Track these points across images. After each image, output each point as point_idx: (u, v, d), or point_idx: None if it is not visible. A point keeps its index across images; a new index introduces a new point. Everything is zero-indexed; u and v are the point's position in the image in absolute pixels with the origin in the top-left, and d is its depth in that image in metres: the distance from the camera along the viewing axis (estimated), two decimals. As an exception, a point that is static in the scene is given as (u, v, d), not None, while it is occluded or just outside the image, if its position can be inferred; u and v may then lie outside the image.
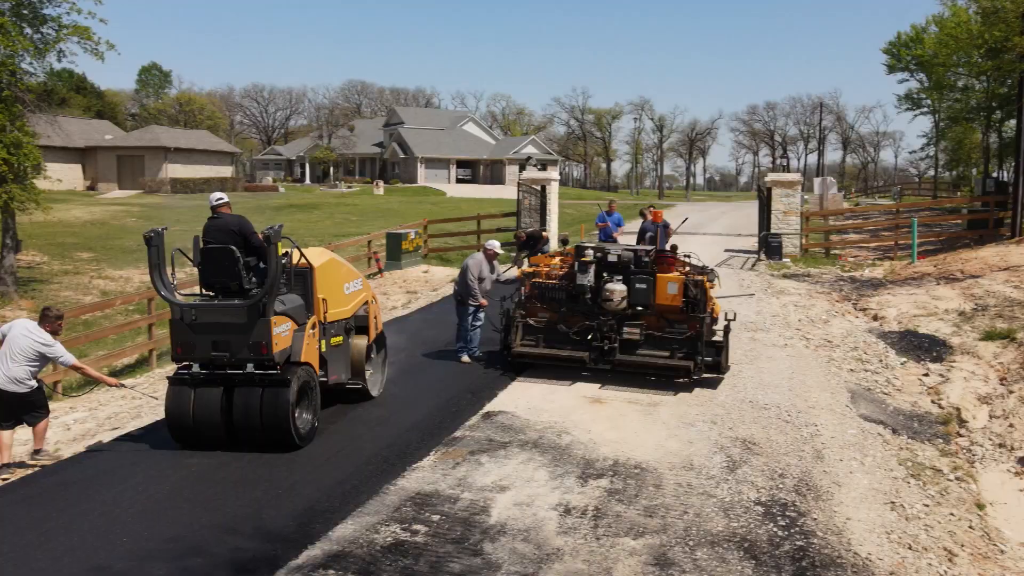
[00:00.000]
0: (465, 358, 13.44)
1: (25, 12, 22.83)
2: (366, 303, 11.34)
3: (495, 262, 13.52)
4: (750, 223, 32.58)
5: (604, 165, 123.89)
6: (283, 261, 9.45)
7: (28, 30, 22.90)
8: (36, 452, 9.53)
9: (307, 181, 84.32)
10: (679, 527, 7.63)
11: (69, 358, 9.60)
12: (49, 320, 9.52)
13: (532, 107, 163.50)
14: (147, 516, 7.70)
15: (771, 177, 28.52)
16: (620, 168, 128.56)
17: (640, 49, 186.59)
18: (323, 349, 10.12)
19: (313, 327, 9.80)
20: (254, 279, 9.36)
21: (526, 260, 14.26)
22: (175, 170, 63.33)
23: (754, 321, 16.38)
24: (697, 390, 11.99)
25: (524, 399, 11.56)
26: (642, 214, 19.99)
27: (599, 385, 12.22)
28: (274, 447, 9.17)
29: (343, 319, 10.71)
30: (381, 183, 70.17)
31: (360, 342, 11.06)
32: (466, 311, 13.36)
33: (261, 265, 9.44)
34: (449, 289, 19.56)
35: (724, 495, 8.37)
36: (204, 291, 9.60)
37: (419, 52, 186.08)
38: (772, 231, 26.62)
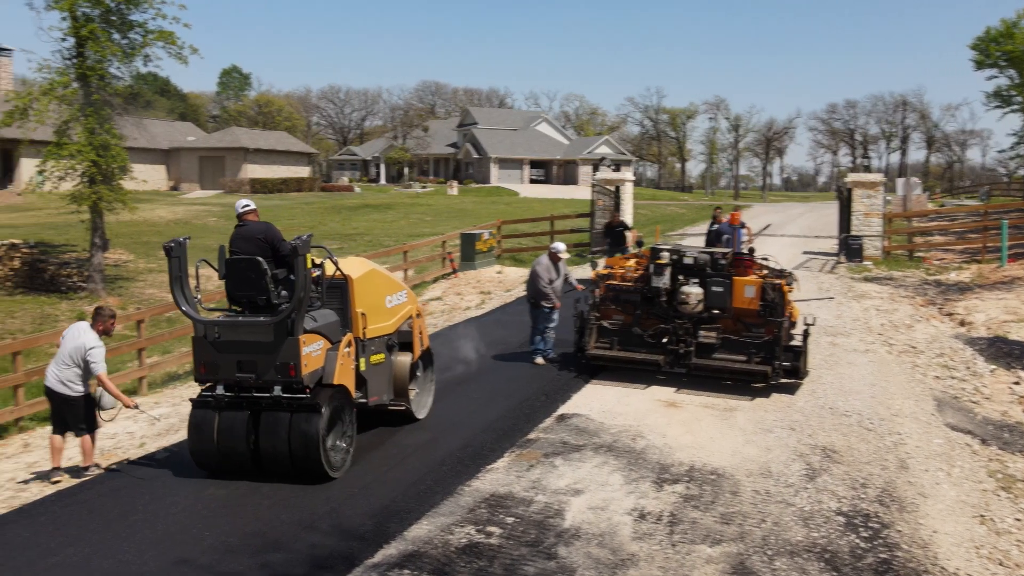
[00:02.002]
0: (539, 360, 13.43)
1: (113, 19, 23.56)
2: (410, 317, 10.53)
3: (561, 264, 13.47)
4: (829, 225, 31.87)
5: (678, 165, 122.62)
6: (316, 273, 8.88)
7: (116, 36, 23.64)
8: (84, 469, 9.16)
9: (382, 181, 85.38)
10: (757, 535, 7.49)
11: (100, 367, 9.01)
12: (102, 319, 9.24)
13: (606, 107, 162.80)
14: (228, 512, 7.87)
15: (852, 177, 27.84)
16: (694, 168, 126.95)
17: (716, 47, 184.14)
18: (362, 368, 9.37)
19: (349, 345, 9.05)
20: (283, 293, 8.62)
21: (601, 262, 14.14)
22: (254, 170, 64.73)
23: (834, 325, 16.01)
24: (775, 395, 11.77)
25: (598, 402, 11.50)
26: (714, 215, 19.71)
27: (674, 389, 12.09)
28: (303, 478, 8.42)
29: (385, 335, 9.93)
30: (455, 183, 70.68)
31: (404, 360, 10.24)
32: (539, 313, 13.34)
33: (291, 277, 8.64)
34: (522, 290, 19.58)
35: (803, 504, 8.19)
36: (231, 306, 8.95)
37: (493, 52, 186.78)
38: (852, 233, 25.99)
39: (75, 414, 9.09)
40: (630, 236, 20.32)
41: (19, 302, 20.96)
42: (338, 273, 9.25)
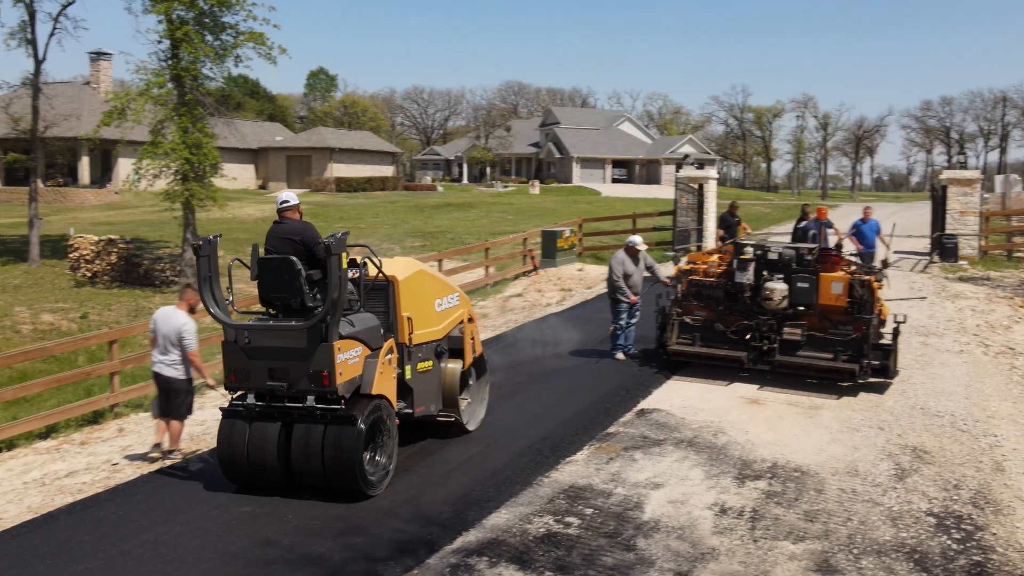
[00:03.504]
0: (620, 355, 13.35)
1: (207, 21, 24.31)
2: (461, 322, 9.83)
3: (639, 257, 13.34)
4: (921, 224, 30.88)
5: (764, 165, 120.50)
6: (357, 274, 8.35)
7: (209, 37, 24.38)
8: (168, 452, 9.45)
9: (464, 181, 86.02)
10: (842, 534, 7.30)
11: (193, 344, 9.27)
12: (186, 296, 9.44)
13: (689, 106, 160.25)
14: (311, 496, 8.00)
15: (947, 175, 26.92)
16: (780, 168, 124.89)
17: (803, 44, 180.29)
18: (407, 376, 8.75)
19: (390, 352, 8.36)
20: (319, 296, 8.00)
21: (684, 257, 13.99)
22: (339, 169, 65.90)
23: (926, 325, 15.51)
24: (862, 394, 11.46)
25: (679, 398, 11.37)
26: (803, 212, 19.29)
27: (757, 386, 11.88)
28: (338, 495, 7.87)
29: (433, 341, 9.25)
30: (536, 183, 70.81)
31: (454, 368, 9.54)
32: (620, 308, 13.26)
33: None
34: (603, 287, 19.49)
35: (892, 503, 7.96)
36: (265, 309, 8.43)
37: (576, 52, 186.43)
38: (947, 232, 25.15)
39: (176, 398, 9.41)
40: (741, 228, 20.28)
41: (115, 295, 21.77)
42: (380, 275, 8.61)
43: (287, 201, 8.52)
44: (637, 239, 13.42)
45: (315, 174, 65.53)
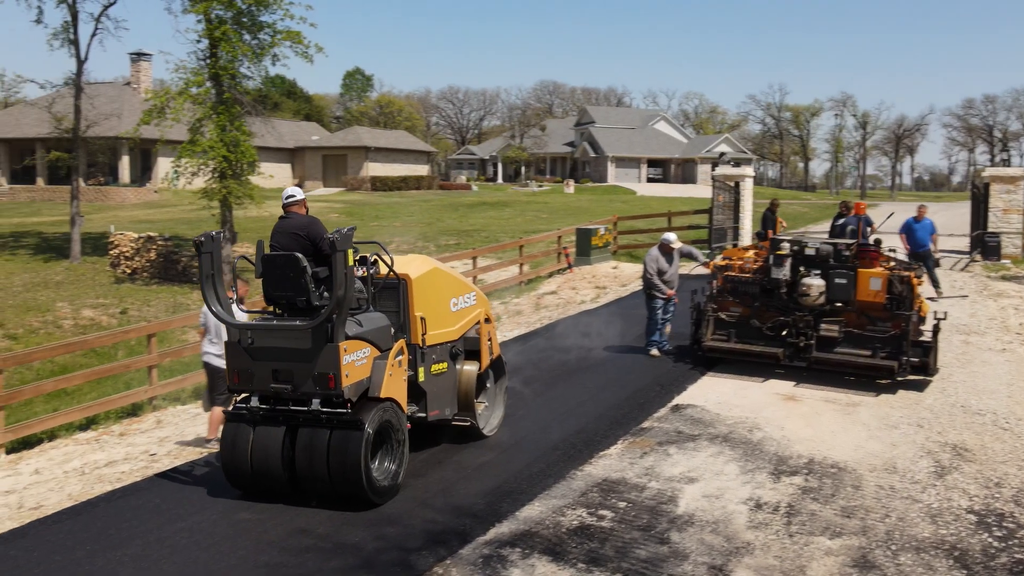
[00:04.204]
0: (654, 351, 13.28)
1: (244, 20, 24.59)
2: (478, 323, 9.42)
3: (673, 255, 13.25)
4: (962, 223, 30.42)
5: (801, 164, 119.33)
6: (367, 272, 8.07)
7: (247, 36, 24.64)
8: (207, 441, 9.64)
9: (499, 180, 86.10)
10: (880, 530, 7.20)
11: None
12: (235, 287, 9.53)
13: (726, 105, 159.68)
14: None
15: (990, 172, 26.50)
16: (818, 167, 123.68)
17: (842, 41, 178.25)
18: (420, 379, 8.39)
19: (400, 353, 7.96)
20: (326, 294, 7.62)
21: (719, 254, 13.88)
22: (375, 168, 66.29)
23: (967, 324, 15.25)
24: (901, 392, 11.30)
25: (714, 393, 11.28)
26: (845, 206, 19.06)
27: (794, 383, 11.75)
28: (344, 502, 7.52)
29: (448, 342, 8.89)
30: (571, 182, 70.73)
31: (470, 370, 9.17)
32: (655, 304, 13.19)
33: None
34: (637, 285, 19.40)
35: (931, 501, 7.83)
36: (271, 308, 8.09)
37: (611, 52, 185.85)
38: (989, 230, 24.73)
39: (222, 385, 9.39)
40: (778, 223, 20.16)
41: (154, 291, 22.06)
42: (391, 273, 8.21)
43: (293, 195, 8.15)
44: (671, 236, 13.33)
45: (351, 173, 65.98)
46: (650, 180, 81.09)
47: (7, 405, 10.62)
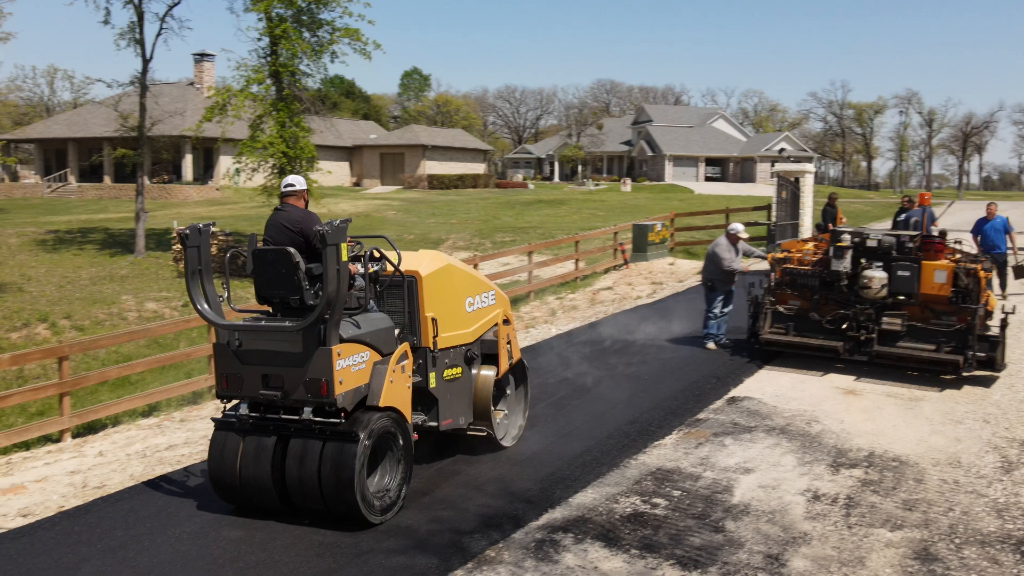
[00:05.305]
0: (711, 344, 13.13)
1: (304, 18, 24.96)
2: (496, 324, 8.66)
3: (739, 245, 13.06)
4: (1032, 220, 29.59)
5: (864, 164, 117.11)
6: (373, 268, 7.49)
7: (306, 34, 25.00)
8: None
9: (556, 179, 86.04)
10: (943, 523, 7.02)
11: None
12: None
13: (786, 103, 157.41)
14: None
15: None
16: (882, 166, 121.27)
17: (907, 37, 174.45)
18: (432, 385, 7.77)
19: (404, 358, 7.27)
20: (322, 293, 6.80)
21: (778, 246, 13.67)
22: (432, 167, 66.68)
23: (1036, 320, 14.80)
24: (966, 387, 11.01)
25: (772, 387, 11.12)
26: (908, 201, 18.64)
27: (854, 377, 11.53)
28: (338, 521, 6.90)
29: (463, 345, 8.17)
30: (628, 180, 70.34)
31: (487, 375, 8.44)
32: (714, 297, 13.04)
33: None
34: (695, 281, 19.21)
35: (997, 495, 7.61)
36: (262, 306, 7.45)
37: (669, 50, 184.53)
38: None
39: None
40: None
41: (215, 285, 22.43)
42: (397, 271, 7.57)
43: (292, 185, 7.41)
44: (739, 226, 13.12)
45: (408, 171, 66.46)
46: (708, 179, 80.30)
47: (73, 391, 10.89)
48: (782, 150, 69.99)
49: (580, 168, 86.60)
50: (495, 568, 6.18)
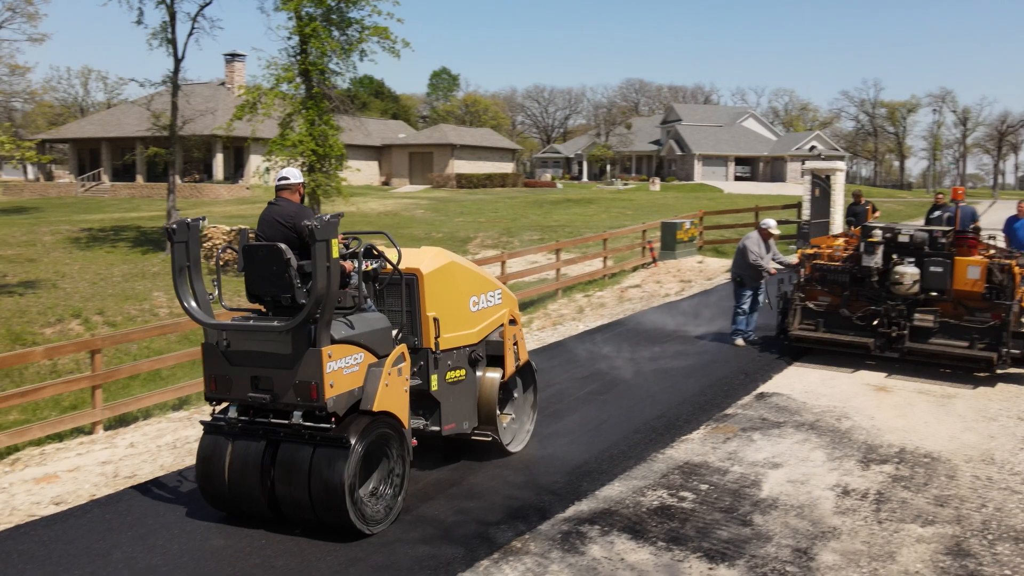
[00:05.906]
0: (739, 341, 13.05)
1: (334, 17, 25.10)
2: (502, 325, 8.27)
3: (771, 241, 12.96)
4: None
5: (896, 163, 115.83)
6: (374, 265, 7.24)
7: (336, 33, 25.14)
8: None
9: (584, 178, 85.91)
10: (975, 520, 6.92)
11: None
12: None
13: (817, 102, 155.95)
14: (425, 463, 8.07)
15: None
16: (914, 166, 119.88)
17: (940, 34, 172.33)
18: (433, 388, 7.45)
19: (401, 360, 6.93)
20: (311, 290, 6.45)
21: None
22: (460, 166, 66.84)
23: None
24: (1000, 384, 10.87)
25: (801, 383, 11.03)
26: (936, 200, 18.42)
27: (885, 374, 11.41)
28: (329, 531, 6.55)
29: (466, 346, 7.82)
30: (657, 180, 70.09)
31: (492, 378, 8.07)
32: (743, 293, 12.95)
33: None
34: (724, 279, 19.11)
35: (1031, 492, 7.50)
36: (253, 305, 7.11)
37: (698, 49, 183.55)
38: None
39: None
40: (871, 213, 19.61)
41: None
42: (396, 269, 7.22)
43: (286, 178, 7.08)
44: (771, 222, 13.00)
45: (436, 170, 66.65)
46: (737, 178, 79.81)
47: (106, 384, 11.02)
48: (812, 148, 69.40)
49: (608, 168, 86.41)
50: (521, 559, 6.18)
